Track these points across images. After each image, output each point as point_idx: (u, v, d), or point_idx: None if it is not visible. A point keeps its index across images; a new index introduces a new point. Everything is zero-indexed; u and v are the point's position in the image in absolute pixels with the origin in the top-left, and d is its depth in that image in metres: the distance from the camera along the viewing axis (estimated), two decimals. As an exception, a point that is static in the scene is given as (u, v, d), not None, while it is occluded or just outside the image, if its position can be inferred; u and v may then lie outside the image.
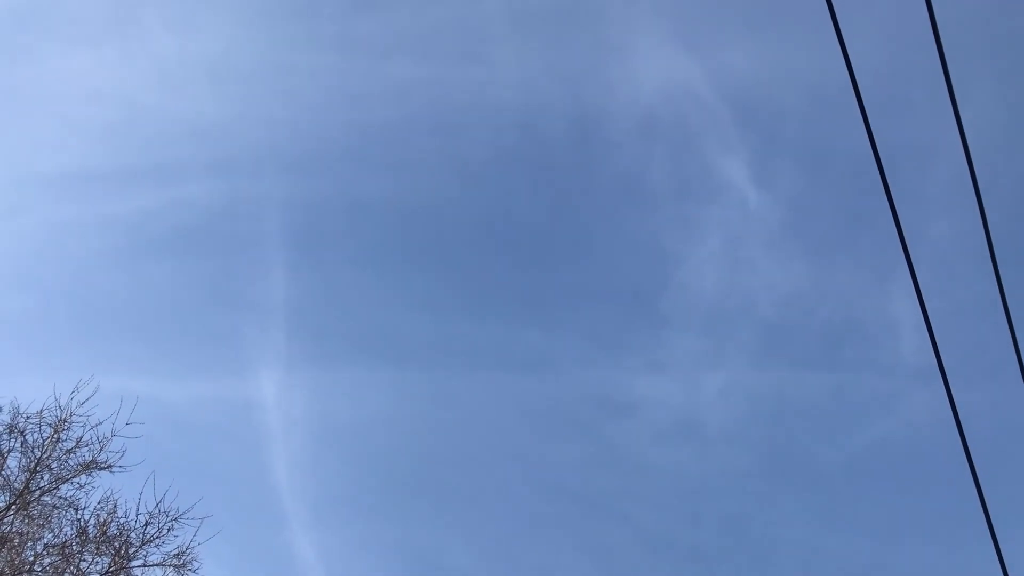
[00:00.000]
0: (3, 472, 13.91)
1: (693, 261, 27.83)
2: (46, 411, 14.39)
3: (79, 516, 14.23)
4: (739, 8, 25.42)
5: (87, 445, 14.35)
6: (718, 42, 25.97)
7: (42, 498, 14.04)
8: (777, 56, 26.00)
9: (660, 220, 27.66)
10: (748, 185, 26.67)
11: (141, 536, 14.26)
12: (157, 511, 14.37)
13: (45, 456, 14.07)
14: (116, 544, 14.09)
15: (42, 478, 14.06)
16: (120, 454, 14.50)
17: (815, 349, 28.67)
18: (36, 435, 14.25)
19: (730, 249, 27.64)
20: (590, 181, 27.56)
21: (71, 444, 14.22)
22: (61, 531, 14.11)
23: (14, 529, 13.69)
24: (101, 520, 14.18)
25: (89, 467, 14.24)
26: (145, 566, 14.23)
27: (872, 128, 5.33)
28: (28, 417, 14.32)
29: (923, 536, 27.72)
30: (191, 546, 14.42)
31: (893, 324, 27.60)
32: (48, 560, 13.75)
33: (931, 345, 5.38)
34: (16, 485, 13.88)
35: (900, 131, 24.29)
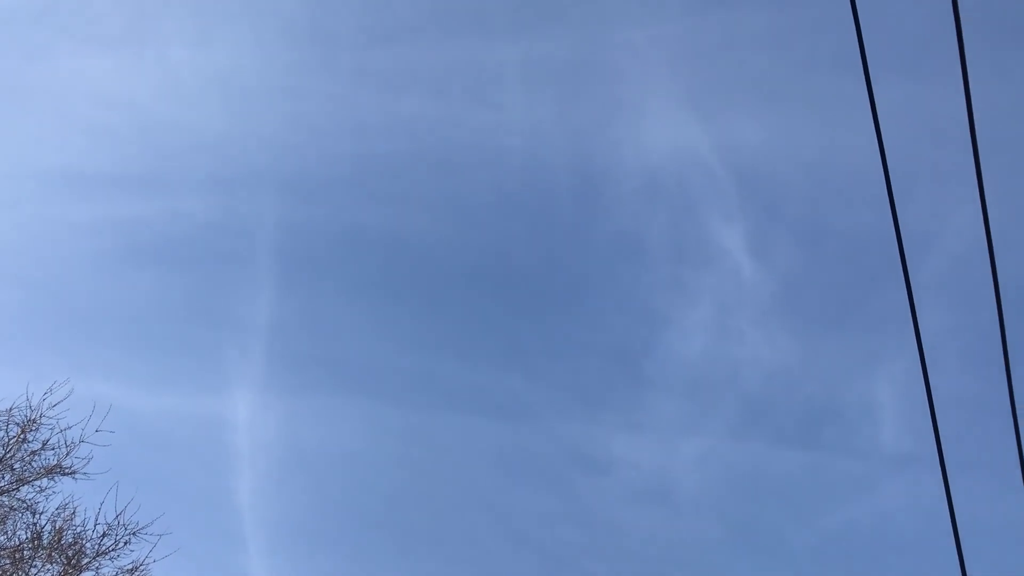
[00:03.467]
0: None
1: (682, 325, 27.83)
2: (15, 409, 14.17)
3: (35, 520, 13.95)
4: (753, 81, 25.73)
5: (53, 448, 14.12)
6: (728, 111, 26.22)
7: (0, 498, 13.76)
8: (785, 131, 26.27)
9: (653, 281, 27.70)
10: (744, 256, 26.78)
11: (96, 547, 13.96)
12: (117, 523, 14.11)
13: (8, 456, 13.80)
14: (69, 553, 13.78)
15: (2, 478, 13.79)
16: (86, 461, 14.28)
17: (794, 426, 28.58)
18: (2, 433, 14.02)
19: (720, 317, 27.66)
20: (588, 235, 27.63)
21: (37, 446, 13.99)
22: (15, 534, 13.81)
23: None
24: (57, 527, 13.89)
25: (53, 471, 13.98)
26: (96, 579, 13.92)
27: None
28: (-4, 414, 14.10)
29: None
30: (146, 562, 14.15)
31: (873, 410, 27.55)
32: (-2, 562, 13.43)
33: (932, 429, 5.32)
34: (-25, 482, 13.61)
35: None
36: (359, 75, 25.94)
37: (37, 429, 14.02)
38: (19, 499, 13.93)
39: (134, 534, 14.04)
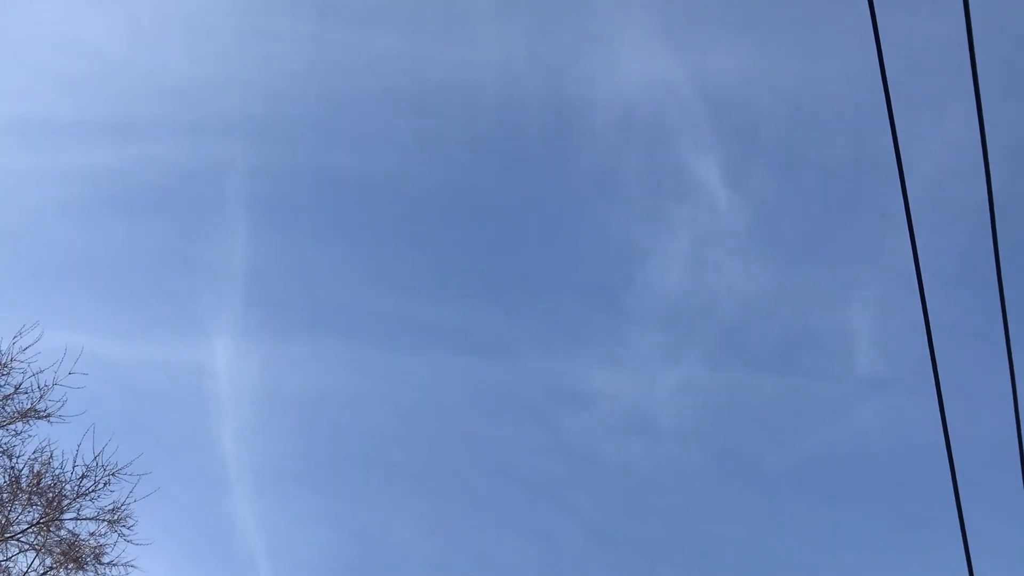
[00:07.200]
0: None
1: (659, 258, 27.86)
2: (-14, 355, 14.03)
3: (12, 464, 13.91)
4: (726, 10, 25.40)
5: (27, 392, 14.02)
6: (702, 42, 25.93)
7: (-25, 443, 13.69)
8: (759, 61, 26.02)
9: (630, 215, 27.63)
10: (719, 186, 26.72)
11: (76, 489, 13.97)
12: (95, 464, 14.08)
13: (-19, 400, 13.72)
14: (49, 496, 13.78)
15: (-24, 423, 13.72)
16: (60, 404, 14.19)
17: (771, 353, 28.84)
18: (-27, 378, 13.89)
19: (697, 248, 27.69)
20: (563, 170, 27.46)
21: (9, 390, 13.89)
22: (-8, 478, 13.78)
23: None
24: (35, 470, 13.86)
25: (27, 415, 13.90)
26: (78, 519, 13.96)
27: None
28: (-33, 360, 13.94)
29: (859, 544, 28.03)
30: (127, 502, 14.17)
31: (848, 335, 27.82)
32: (-23, 507, 13.41)
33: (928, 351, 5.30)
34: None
35: (870, 146, 24.44)
36: (326, 12, 25.43)
37: (8, 373, 13.91)
38: (-6, 443, 13.88)
39: (113, 474, 14.05)
